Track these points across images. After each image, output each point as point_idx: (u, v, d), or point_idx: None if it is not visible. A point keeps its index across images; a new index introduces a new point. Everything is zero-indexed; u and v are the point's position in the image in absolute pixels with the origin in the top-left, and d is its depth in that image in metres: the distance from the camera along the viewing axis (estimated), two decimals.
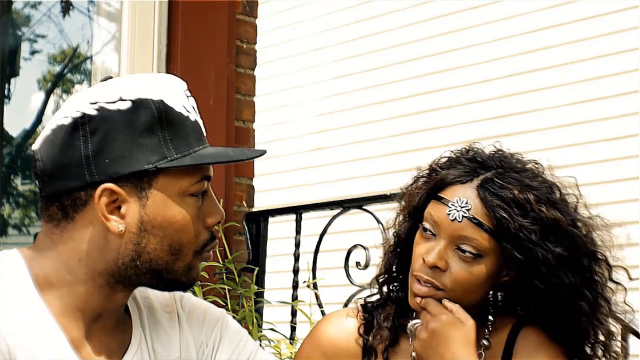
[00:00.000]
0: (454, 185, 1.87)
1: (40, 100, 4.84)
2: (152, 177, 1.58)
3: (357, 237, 3.27)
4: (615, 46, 4.24)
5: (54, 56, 4.76)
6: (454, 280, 1.85)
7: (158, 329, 1.71)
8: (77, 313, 1.59)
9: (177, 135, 1.59)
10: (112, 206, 1.58)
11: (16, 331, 1.51)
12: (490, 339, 1.92)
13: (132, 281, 1.62)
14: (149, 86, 1.61)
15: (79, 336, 1.59)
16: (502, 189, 1.83)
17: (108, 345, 1.63)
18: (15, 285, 1.56)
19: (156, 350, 1.68)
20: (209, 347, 1.75)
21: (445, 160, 1.95)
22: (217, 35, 3.69)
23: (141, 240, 1.58)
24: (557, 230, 1.84)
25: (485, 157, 1.92)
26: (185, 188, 1.60)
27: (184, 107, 1.61)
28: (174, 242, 1.60)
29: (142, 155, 1.56)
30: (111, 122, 1.57)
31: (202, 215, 1.63)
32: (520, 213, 1.82)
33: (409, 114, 5.14)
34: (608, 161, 4.18)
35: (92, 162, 1.56)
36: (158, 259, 1.60)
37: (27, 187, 4.96)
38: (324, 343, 1.99)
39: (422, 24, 5.11)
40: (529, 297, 1.91)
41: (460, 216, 1.83)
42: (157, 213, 1.58)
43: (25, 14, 4.70)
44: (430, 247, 1.86)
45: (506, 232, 1.82)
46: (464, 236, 1.83)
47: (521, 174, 1.87)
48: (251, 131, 3.79)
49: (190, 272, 1.64)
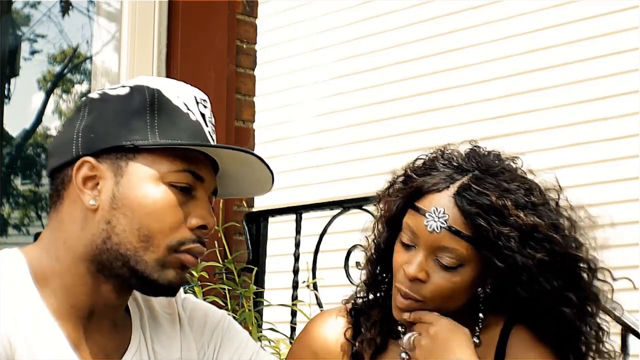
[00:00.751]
0: (430, 194, 1.84)
1: (40, 100, 4.84)
2: (130, 155, 1.58)
3: (357, 237, 3.26)
4: (615, 46, 4.24)
5: (54, 56, 4.76)
6: (434, 289, 1.83)
7: (158, 330, 1.71)
8: (71, 310, 1.59)
9: (166, 124, 1.59)
10: (92, 182, 1.59)
11: (17, 331, 1.52)
12: (481, 336, 1.91)
13: (108, 270, 1.59)
14: (155, 80, 1.64)
15: (77, 336, 1.59)
16: (479, 196, 1.80)
17: (106, 345, 1.63)
18: (15, 284, 1.56)
19: (156, 351, 1.68)
20: (210, 348, 1.75)
21: (420, 165, 1.92)
22: (217, 35, 3.69)
23: (112, 218, 1.57)
24: (536, 235, 1.81)
25: (460, 159, 1.88)
26: (163, 174, 1.58)
27: (184, 104, 1.62)
28: (142, 227, 1.57)
29: (125, 133, 1.58)
30: (107, 103, 1.61)
31: (186, 212, 1.60)
32: (498, 220, 1.79)
33: (409, 114, 5.14)
34: (608, 161, 4.17)
35: (80, 137, 1.59)
36: (127, 243, 1.57)
37: (27, 187, 4.96)
38: (315, 343, 1.98)
39: (422, 24, 5.11)
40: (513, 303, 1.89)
41: (438, 227, 1.81)
42: (129, 192, 1.57)
43: (25, 14, 4.70)
44: (410, 257, 1.84)
45: (485, 240, 1.80)
46: (443, 246, 1.81)
47: (498, 177, 1.84)
48: (251, 131, 3.79)
49: (164, 271, 1.58)
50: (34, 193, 4.89)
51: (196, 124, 1.62)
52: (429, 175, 1.87)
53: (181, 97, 1.62)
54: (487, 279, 1.86)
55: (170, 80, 1.67)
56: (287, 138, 5.57)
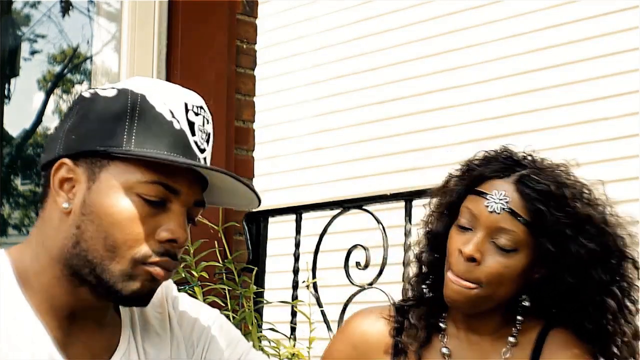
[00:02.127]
0: (492, 180, 1.91)
1: (40, 100, 4.84)
2: (104, 161, 1.55)
3: (357, 237, 3.27)
4: (615, 46, 4.25)
5: (54, 56, 4.76)
6: (487, 272, 1.87)
7: (149, 330, 1.69)
8: (51, 310, 1.58)
9: (145, 132, 1.55)
10: (69, 184, 1.57)
11: (2, 332, 1.51)
12: (519, 337, 1.95)
13: (79, 275, 1.57)
14: (146, 84, 1.61)
15: (61, 335, 1.58)
16: (539, 184, 1.88)
17: (92, 345, 1.62)
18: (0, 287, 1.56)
19: (146, 350, 1.67)
20: (199, 347, 1.73)
21: (481, 158, 1.98)
22: (217, 36, 3.69)
23: (81, 224, 1.55)
24: (590, 226, 1.89)
25: (519, 157, 1.96)
26: (132, 184, 1.54)
27: (170, 111, 1.57)
28: (108, 237, 1.54)
29: (101, 138, 1.55)
30: (93, 104, 1.58)
31: (154, 225, 1.56)
32: (556, 207, 1.87)
33: (409, 114, 5.14)
34: (608, 161, 4.17)
35: (64, 137, 1.58)
36: (94, 251, 1.54)
37: (27, 187, 4.96)
38: (356, 337, 2.01)
39: (422, 24, 5.11)
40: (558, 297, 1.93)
41: (499, 208, 1.87)
42: (97, 199, 1.55)
43: (25, 14, 4.70)
44: (467, 239, 1.89)
45: (542, 225, 1.86)
46: (501, 228, 1.87)
47: (555, 173, 1.92)
48: (251, 131, 3.79)
49: (128, 282, 1.55)
50: (34, 193, 4.89)
51: (179, 132, 1.57)
52: (489, 165, 1.94)
53: (168, 103, 1.58)
54: (538, 268, 1.91)
55: (162, 85, 1.63)
56: (287, 138, 5.57)
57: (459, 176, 1.99)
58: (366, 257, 3.15)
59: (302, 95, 5.60)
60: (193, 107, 1.60)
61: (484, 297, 1.89)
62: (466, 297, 1.89)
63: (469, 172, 1.97)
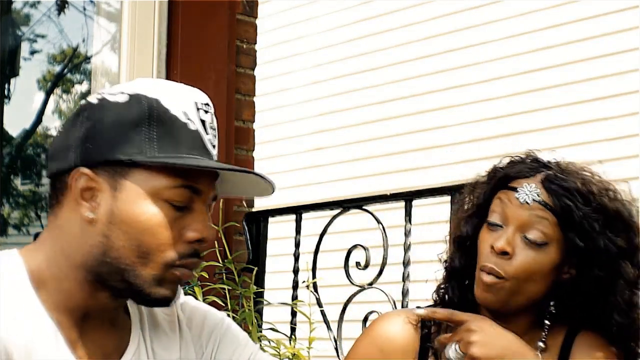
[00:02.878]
0: (518, 179, 1.93)
1: (40, 100, 4.84)
2: (127, 170, 1.56)
3: (357, 237, 3.27)
4: (615, 46, 4.25)
5: (54, 56, 4.76)
6: (518, 267, 1.89)
7: (158, 331, 1.71)
8: (67, 311, 1.59)
9: (165, 136, 1.56)
10: (89, 193, 1.57)
11: (13, 331, 1.51)
12: (547, 342, 1.96)
13: (106, 281, 1.59)
14: (154, 86, 1.61)
15: (74, 336, 1.59)
16: (565, 182, 1.91)
17: (104, 345, 1.63)
18: (12, 285, 1.56)
19: (155, 351, 1.68)
20: (207, 349, 1.75)
21: (507, 163, 2.01)
22: (217, 35, 3.69)
23: (110, 233, 1.56)
24: (618, 221, 1.91)
25: (544, 161, 1.98)
26: (158, 190, 1.56)
27: (184, 113, 1.59)
28: (141, 244, 1.55)
29: (122, 146, 1.55)
30: (105, 111, 1.58)
31: (182, 226, 1.58)
32: (583, 203, 1.89)
33: (409, 114, 5.14)
34: (608, 161, 4.17)
35: (78, 145, 1.57)
36: (125, 258, 1.56)
37: (27, 187, 4.96)
38: (382, 340, 2.01)
39: (422, 24, 5.11)
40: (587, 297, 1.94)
41: (531, 199, 1.89)
42: (126, 207, 1.55)
43: (25, 14, 4.70)
44: (498, 235, 1.91)
45: (571, 220, 1.88)
46: (532, 221, 1.89)
47: (580, 172, 1.95)
48: (251, 131, 3.79)
49: (158, 287, 1.58)
50: (34, 193, 4.89)
51: (195, 133, 1.59)
52: (515, 167, 1.97)
53: (180, 105, 1.59)
54: (568, 267, 1.92)
55: (169, 86, 1.64)
56: (287, 138, 5.58)
57: (484, 181, 2.01)
58: (366, 257, 3.15)
59: (302, 95, 5.60)
60: (202, 105, 1.62)
61: (514, 291, 1.90)
62: (497, 292, 1.90)
63: (495, 174, 1.99)
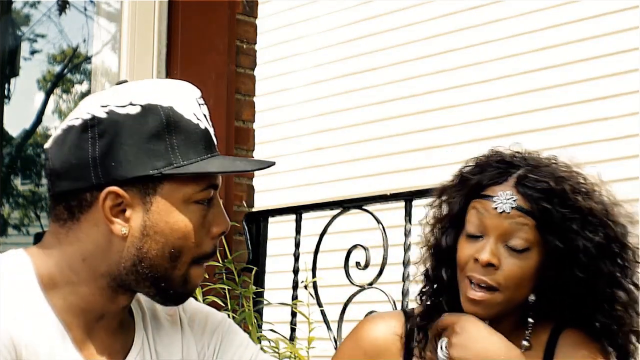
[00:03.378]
0: (491, 186, 1.90)
1: (40, 100, 4.84)
2: (157, 182, 1.58)
3: (357, 237, 3.27)
4: (615, 46, 4.25)
5: (54, 56, 4.76)
6: (507, 275, 1.87)
7: (160, 332, 1.72)
8: (80, 312, 1.60)
9: (185, 143, 1.59)
10: (117, 209, 1.58)
11: (21, 329, 1.52)
12: (531, 340, 1.94)
13: (132, 287, 1.62)
14: (160, 92, 1.62)
15: (82, 335, 1.60)
16: (538, 182, 1.87)
17: (111, 345, 1.64)
18: (20, 284, 1.57)
19: (158, 352, 1.69)
20: (210, 350, 1.76)
21: (473, 167, 1.97)
22: (217, 35, 3.69)
23: (143, 245, 1.58)
24: (593, 219, 1.88)
25: (509, 158, 1.95)
26: (190, 195, 1.60)
27: (194, 114, 1.61)
28: (175, 249, 1.59)
29: (148, 160, 1.57)
30: (120, 125, 1.58)
31: (207, 223, 1.63)
32: (559, 203, 1.86)
33: (409, 114, 5.14)
34: (608, 161, 4.18)
35: (98, 164, 1.57)
36: (158, 266, 1.59)
37: (27, 187, 4.96)
38: (366, 342, 2.00)
39: (422, 24, 5.11)
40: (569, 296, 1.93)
41: (509, 207, 1.86)
42: (160, 219, 1.58)
43: (25, 14, 4.70)
44: (480, 246, 1.88)
45: (549, 223, 1.86)
46: (512, 229, 1.86)
47: (549, 167, 1.92)
48: (251, 131, 3.79)
49: (187, 284, 1.63)
50: (33, 193, 4.89)
51: (205, 131, 1.62)
52: (484, 172, 1.93)
53: (189, 107, 1.61)
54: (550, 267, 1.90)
55: (173, 89, 1.64)
56: (287, 138, 5.58)
57: (454, 187, 1.97)
58: (366, 257, 3.15)
59: (302, 95, 5.61)
60: (200, 99, 1.65)
61: (504, 301, 1.88)
62: (487, 304, 1.88)
63: (465, 182, 1.95)
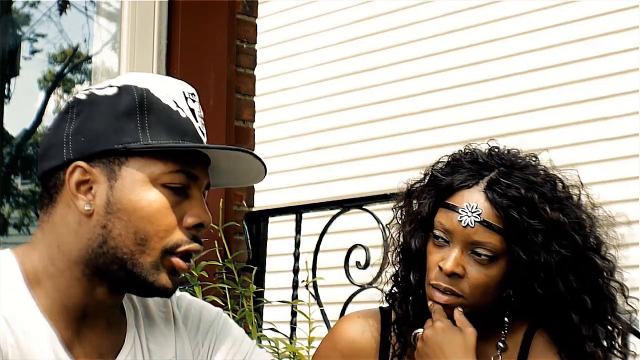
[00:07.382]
0: (461, 191, 1.87)
1: (40, 100, 4.84)
2: (123, 158, 1.57)
3: (357, 237, 3.27)
4: (615, 46, 4.24)
5: (54, 56, 4.76)
6: (472, 285, 1.85)
7: (154, 329, 1.70)
8: (63, 310, 1.59)
9: (157, 124, 1.58)
10: (85, 186, 1.58)
11: (7, 331, 1.51)
12: (507, 341, 1.93)
13: (104, 273, 1.59)
14: (143, 78, 1.63)
15: (70, 335, 1.59)
16: (509, 189, 1.84)
17: (101, 345, 1.63)
18: (6, 285, 1.56)
19: (151, 349, 1.68)
20: (204, 346, 1.75)
21: (445, 165, 1.94)
22: (217, 35, 3.69)
23: (107, 223, 1.57)
24: (560, 232, 1.85)
25: (484, 157, 1.91)
26: (157, 176, 1.57)
27: (174, 101, 1.60)
28: (139, 231, 1.56)
29: (115, 136, 1.57)
30: (95, 104, 1.59)
31: (181, 213, 1.59)
32: (528, 213, 1.83)
33: (409, 114, 5.14)
34: (608, 161, 4.17)
35: (70, 140, 1.58)
36: (123, 247, 1.57)
37: (27, 187, 4.96)
38: (342, 344, 1.99)
39: (422, 24, 5.11)
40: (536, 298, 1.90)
41: (473, 221, 1.84)
42: (123, 196, 1.57)
43: (25, 13, 4.70)
44: (445, 254, 1.86)
45: (515, 233, 1.83)
46: (477, 241, 1.84)
47: (524, 171, 1.88)
48: (251, 131, 3.79)
49: (158, 273, 1.58)
50: (33, 193, 4.89)
51: (186, 121, 1.61)
52: (455, 173, 1.89)
53: (170, 94, 1.61)
54: (516, 275, 1.88)
55: (157, 77, 1.65)
56: (287, 138, 5.57)
57: (425, 186, 1.95)
58: (366, 257, 3.15)
59: (302, 95, 5.60)
60: (189, 94, 1.64)
61: (470, 306, 1.87)
62: (453, 307, 1.87)
63: (436, 182, 1.92)
